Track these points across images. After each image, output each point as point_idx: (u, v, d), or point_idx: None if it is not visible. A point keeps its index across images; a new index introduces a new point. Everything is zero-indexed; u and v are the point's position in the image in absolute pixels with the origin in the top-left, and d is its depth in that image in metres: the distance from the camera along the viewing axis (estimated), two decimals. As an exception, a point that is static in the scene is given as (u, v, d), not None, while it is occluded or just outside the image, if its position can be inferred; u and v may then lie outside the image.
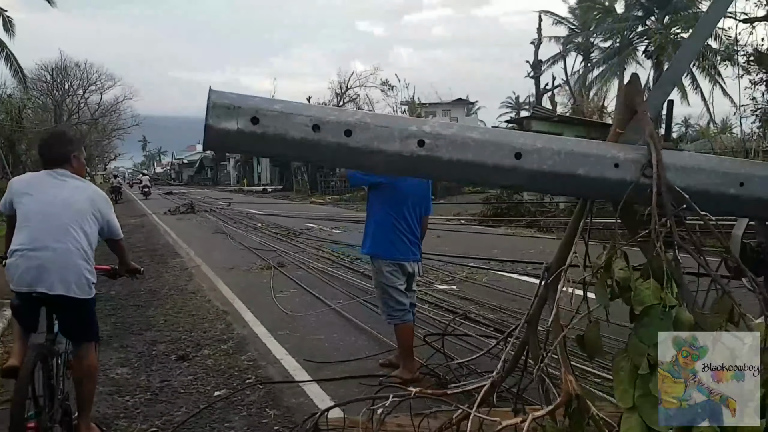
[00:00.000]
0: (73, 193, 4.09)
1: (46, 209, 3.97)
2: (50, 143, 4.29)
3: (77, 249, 3.94)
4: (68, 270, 3.88)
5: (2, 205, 4.17)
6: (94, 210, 4.13)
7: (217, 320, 8.10)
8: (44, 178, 4.11)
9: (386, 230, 5.46)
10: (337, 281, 10.31)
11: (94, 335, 4.30)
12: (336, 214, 26.02)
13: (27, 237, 3.90)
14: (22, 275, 3.84)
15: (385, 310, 5.60)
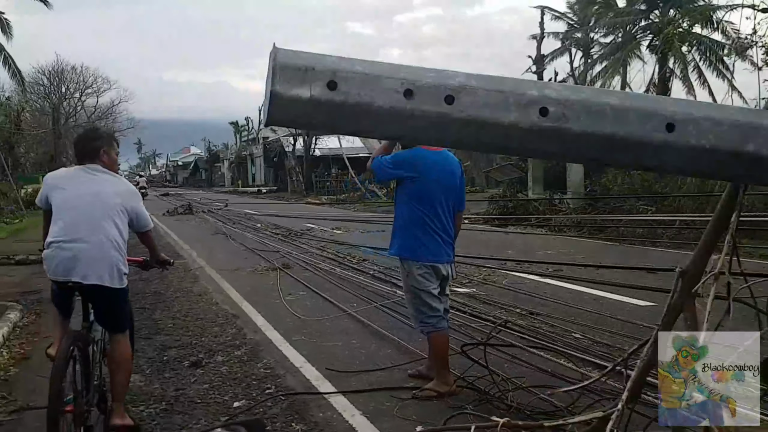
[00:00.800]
0: (104, 186, 4.24)
1: (78, 202, 4.12)
2: (82, 139, 4.53)
3: (109, 240, 4.09)
4: (101, 261, 4.03)
5: (39, 200, 4.39)
6: (124, 203, 4.26)
7: (227, 324, 7.70)
8: (77, 173, 4.30)
9: (417, 229, 5.05)
10: (347, 283, 9.91)
11: (127, 325, 4.51)
12: (334, 215, 25.61)
13: (62, 229, 4.07)
14: (58, 265, 4.03)
15: (416, 316, 5.17)
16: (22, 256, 13.68)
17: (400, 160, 5.09)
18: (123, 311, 4.42)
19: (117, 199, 4.24)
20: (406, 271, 5.13)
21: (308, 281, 10.17)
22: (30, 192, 33.69)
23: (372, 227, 19.05)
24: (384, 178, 5.50)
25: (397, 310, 7.80)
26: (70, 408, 3.85)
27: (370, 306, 8.21)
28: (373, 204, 32.91)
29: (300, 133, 48.91)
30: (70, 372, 3.89)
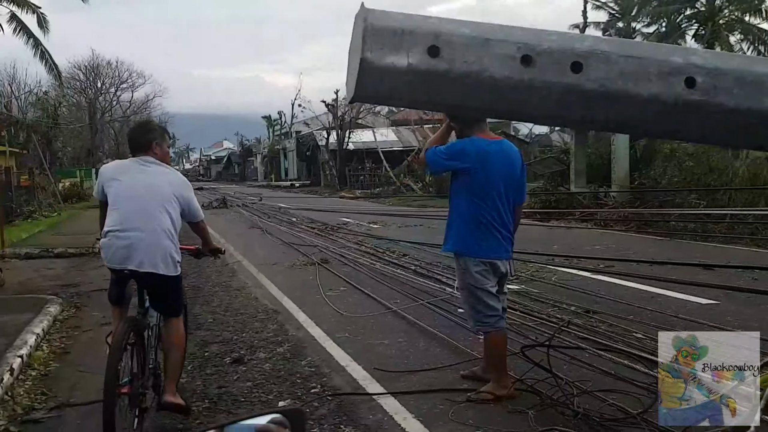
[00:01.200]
0: (157, 178, 4.36)
1: (133, 193, 4.26)
2: (136, 132, 4.71)
3: (163, 230, 4.20)
4: (155, 249, 4.15)
5: (95, 192, 4.58)
6: (176, 193, 4.37)
7: (268, 320, 7.51)
8: (130, 165, 4.47)
9: (474, 223, 4.76)
10: (388, 279, 9.66)
11: (181, 309, 4.65)
12: (370, 209, 25.37)
13: (117, 219, 4.20)
14: (114, 254, 4.18)
15: (473, 315, 4.89)
16: (61, 249, 13.70)
17: (456, 150, 4.80)
18: (177, 297, 4.55)
19: (170, 190, 4.36)
20: (462, 268, 4.85)
21: (348, 277, 9.94)
22: (67, 186, 34.12)
23: (410, 221, 18.77)
24: (438, 170, 5.19)
25: (444, 308, 7.54)
26: (126, 389, 4.00)
27: (416, 304, 7.93)
28: (409, 198, 32.60)
29: (333, 127, 48.75)
30: (126, 355, 4.05)
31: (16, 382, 5.61)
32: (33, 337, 6.65)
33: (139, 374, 4.20)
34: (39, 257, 13.23)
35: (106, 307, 8.55)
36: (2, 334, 6.72)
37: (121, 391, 3.95)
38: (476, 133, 4.79)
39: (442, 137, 5.08)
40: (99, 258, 13.02)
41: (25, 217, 21.43)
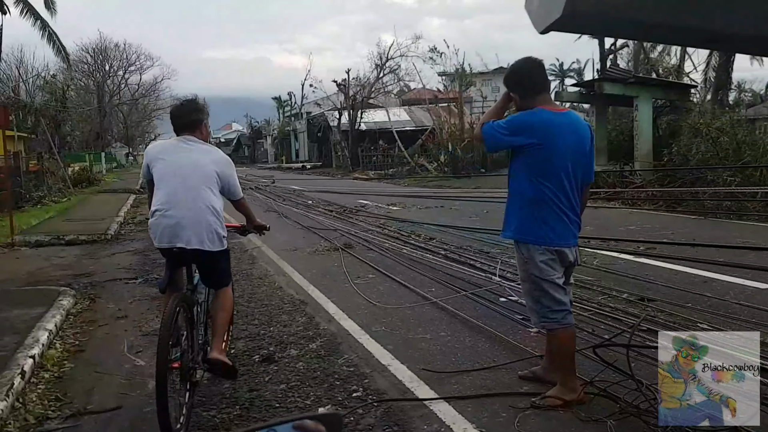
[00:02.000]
0: (201, 156, 4.45)
1: (178, 172, 4.34)
2: (183, 112, 4.66)
3: (207, 207, 4.30)
4: (201, 226, 4.25)
5: (142, 173, 4.70)
6: (218, 171, 4.46)
7: (295, 312, 7.00)
8: (175, 144, 4.52)
9: (539, 207, 4.19)
10: (418, 265, 9.12)
11: (229, 281, 4.75)
12: (387, 190, 24.82)
13: (163, 198, 4.30)
14: (162, 232, 4.26)
15: (537, 310, 4.33)
16: (72, 236, 13.22)
17: (518, 124, 4.22)
18: (225, 270, 4.64)
19: (213, 168, 4.45)
20: (525, 257, 4.29)
21: (375, 263, 9.41)
22: (77, 170, 33.68)
23: (429, 203, 18.24)
24: (497, 147, 4.53)
25: (485, 296, 7.02)
26: (176, 364, 4.05)
27: (458, 294, 7.34)
28: (424, 179, 31.98)
29: (345, 107, 48.03)
30: (176, 331, 4.10)
31: (28, 386, 5.12)
32: (45, 334, 6.16)
33: (189, 349, 4.27)
34: (49, 245, 12.76)
35: (121, 299, 8.17)
36: (12, 332, 6.24)
37: (172, 366, 4.00)
38: (539, 103, 4.22)
39: (499, 110, 4.50)
40: (111, 245, 12.67)
41: (35, 202, 20.98)
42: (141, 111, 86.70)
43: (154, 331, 6.53)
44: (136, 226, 16.22)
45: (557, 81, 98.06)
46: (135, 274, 9.62)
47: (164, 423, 3.86)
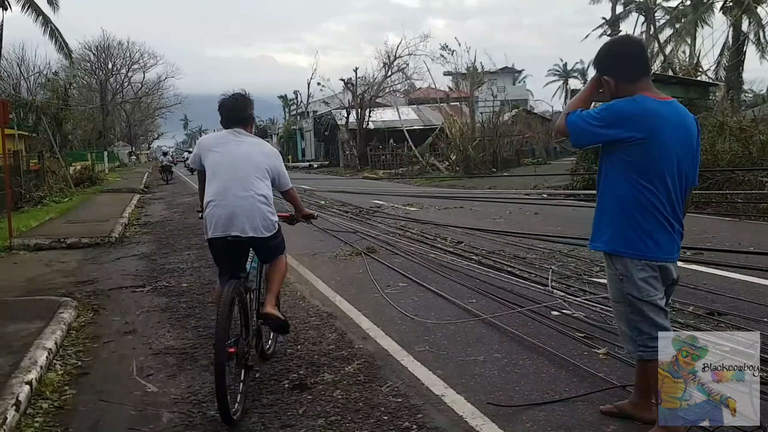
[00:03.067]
0: (251, 149, 4.68)
1: (230, 163, 4.54)
2: (235, 106, 4.82)
3: (259, 196, 4.50)
4: (254, 215, 4.45)
5: (192, 161, 4.88)
6: (268, 163, 4.68)
7: (324, 327, 6.26)
8: (227, 137, 4.73)
9: (640, 213, 3.45)
10: (451, 272, 8.38)
11: (282, 250, 4.94)
12: (400, 190, 24.06)
13: (217, 189, 4.49)
14: (217, 222, 4.44)
15: (633, 337, 3.56)
16: (74, 239, 12.51)
17: (616, 113, 3.45)
18: (279, 246, 4.87)
19: (264, 159, 4.67)
20: (620, 274, 3.54)
21: (404, 269, 8.68)
22: (78, 169, 32.97)
23: (447, 203, 17.48)
24: (586, 141, 3.67)
25: (533, 307, 6.28)
26: (232, 349, 4.11)
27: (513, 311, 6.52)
28: (435, 178, 31.22)
29: (353, 105, 47.28)
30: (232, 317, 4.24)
31: (24, 419, 4.40)
32: (44, 354, 5.44)
33: (243, 335, 4.39)
34: (50, 248, 12.04)
35: (128, 311, 7.43)
36: (8, 351, 5.52)
37: (228, 350, 4.06)
38: (641, 89, 3.48)
39: (585, 98, 3.74)
40: (115, 248, 11.95)
41: (35, 203, 20.26)
42: (144, 109, 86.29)
43: (165, 349, 5.85)
44: (141, 227, 15.53)
45: (561, 81, 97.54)
46: (142, 282, 8.91)
47: (224, 410, 4.00)
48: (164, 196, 26.75)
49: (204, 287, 8.34)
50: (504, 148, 35.10)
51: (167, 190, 30.41)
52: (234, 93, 4.95)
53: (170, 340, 6.17)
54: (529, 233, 10.90)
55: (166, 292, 8.25)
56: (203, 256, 10.74)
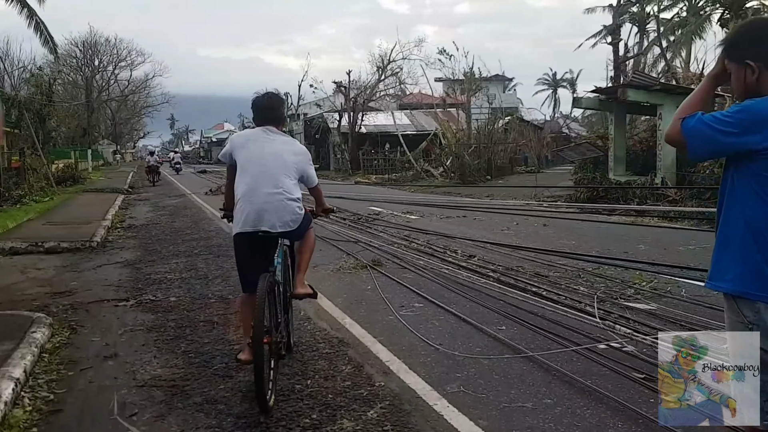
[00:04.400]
0: (281, 147, 4.85)
1: (261, 161, 4.71)
2: (270, 105, 5.04)
3: (288, 192, 4.67)
4: (284, 211, 4.63)
5: (223, 156, 5.01)
6: (297, 161, 4.86)
7: (336, 357, 5.45)
8: (259, 135, 4.90)
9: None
10: (469, 290, 7.61)
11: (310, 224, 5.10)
12: (396, 197, 23.25)
13: (248, 185, 4.65)
14: (247, 217, 4.59)
15: (762, 403, 2.77)
16: (53, 243, 11.62)
17: (757, 116, 2.63)
18: (307, 225, 4.97)
19: (293, 158, 4.81)
20: (749, 322, 2.75)
21: (417, 286, 7.89)
22: (61, 167, 31.94)
23: (449, 212, 16.71)
24: (711, 152, 2.84)
25: (572, 338, 5.49)
26: (266, 339, 4.27)
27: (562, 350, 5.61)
28: (430, 185, 30.42)
29: (346, 109, 46.46)
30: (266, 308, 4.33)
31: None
32: (10, 386, 4.61)
33: (275, 325, 4.53)
34: (26, 252, 11.16)
35: (109, 329, 6.55)
36: (-34, 382, 4.67)
37: (263, 341, 4.20)
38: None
39: (706, 98, 2.93)
40: (97, 254, 11.08)
41: (14, 202, 19.28)
42: (130, 108, 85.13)
43: (152, 380, 5.04)
44: (125, 231, 14.66)
45: (550, 90, 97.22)
46: (125, 294, 8.07)
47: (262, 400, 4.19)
48: (150, 197, 25.86)
49: (194, 302, 7.52)
50: (498, 155, 34.43)
51: (153, 191, 29.47)
52: (267, 92, 5.23)
53: (157, 368, 5.34)
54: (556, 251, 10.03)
55: (153, 307, 7.42)
56: (193, 265, 9.92)
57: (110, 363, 5.52)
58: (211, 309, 7.25)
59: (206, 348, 5.80)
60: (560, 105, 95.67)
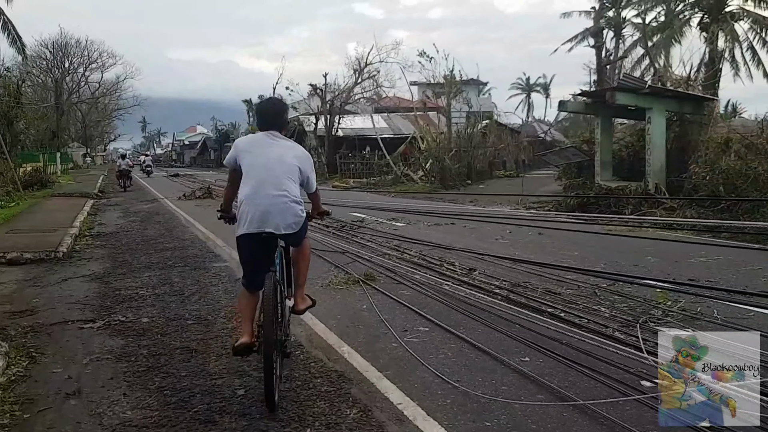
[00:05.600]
0: (285, 151, 4.87)
1: (265, 164, 4.75)
2: (274, 111, 5.14)
3: (291, 196, 4.71)
4: (287, 213, 4.67)
5: (227, 160, 5.01)
6: (300, 166, 4.87)
7: (338, 398, 4.68)
8: (263, 139, 4.93)
9: None
10: (478, 311, 6.88)
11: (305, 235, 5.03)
12: (377, 202, 22.47)
13: (253, 187, 4.67)
14: (252, 218, 4.61)
15: None
16: (15, 254, 10.71)
17: None
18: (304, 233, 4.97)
19: (296, 162, 4.86)
20: None
21: (418, 305, 7.14)
22: (28, 171, 30.71)
23: (436, 219, 15.97)
24: None
25: (607, 372, 4.77)
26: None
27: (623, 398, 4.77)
28: (410, 189, 29.67)
29: (322, 112, 45.57)
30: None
31: None
32: (-53, 441, 3.78)
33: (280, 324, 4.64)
34: (-15, 265, 10.23)
35: (73, 357, 5.60)
36: None
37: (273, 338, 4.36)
38: None
39: None
40: (63, 265, 10.20)
41: (-24, 208, 18.24)
42: (101, 110, 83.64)
43: (121, 425, 4.25)
44: (94, 239, 13.76)
45: (524, 95, 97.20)
46: (92, 314, 7.27)
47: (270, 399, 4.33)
48: (120, 202, 24.87)
49: (170, 324, 6.74)
50: (477, 159, 33.82)
51: (124, 196, 28.39)
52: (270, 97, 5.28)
53: (127, 410, 4.56)
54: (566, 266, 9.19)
55: (122, 329, 6.63)
56: (167, 278, 9.12)
57: (73, 402, 4.74)
58: (188, 332, 6.47)
59: (184, 383, 5.02)
60: (534, 109, 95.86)
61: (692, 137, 19.61)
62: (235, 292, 8.14)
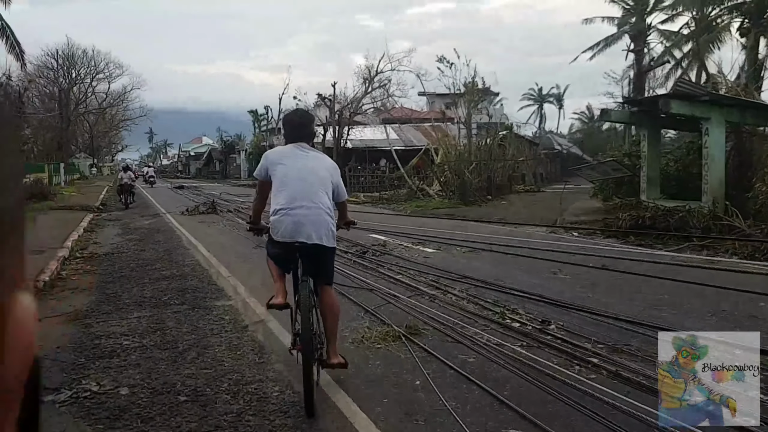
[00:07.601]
0: (316, 163, 5.05)
1: (298, 175, 4.90)
2: (302, 123, 5.30)
3: (324, 207, 4.85)
4: (320, 224, 4.80)
5: (258, 172, 5.16)
6: (331, 176, 5.04)
7: None
8: (293, 151, 5.06)
9: None
10: (592, 402, 4.99)
11: (332, 278, 5.12)
12: (396, 222, 20.55)
13: (286, 198, 4.83)
14: (286, 228, 4.79)
15: None
16: None
17: None
18: (331, 267, 5.07)
19: (327, 173, 5.03)
20: None
21: (493, 383, 5.27)
22: (29, 182, 29.01)
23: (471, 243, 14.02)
24: None
25: None
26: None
27: None
28: (428, 205, 27.67)
29: (331, 122, 43.74)
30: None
31: None
32: None
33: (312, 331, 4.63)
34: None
35: None
36: None
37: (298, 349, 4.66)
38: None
39: None
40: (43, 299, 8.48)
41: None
42: (108, 121, 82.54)
43: None
44: (85, 262, 12.07)
45: (536, 105, 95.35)
46: (60, 376, 5.57)
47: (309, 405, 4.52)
48: (121, 217, 23.25)
49: (156, 400, 5.04)
50: (497, 172, 31.82)
51: (125, 210, 26.60)
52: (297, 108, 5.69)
53: None
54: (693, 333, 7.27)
55: (93, 407, 5.00)
56: (159, 322, 7.45)
57: None
58: (178, 417, 4.70)
59: None
60: (546, 120, 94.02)
61: (754, 150, 17.64)
62: (241, 348, 6.35)
